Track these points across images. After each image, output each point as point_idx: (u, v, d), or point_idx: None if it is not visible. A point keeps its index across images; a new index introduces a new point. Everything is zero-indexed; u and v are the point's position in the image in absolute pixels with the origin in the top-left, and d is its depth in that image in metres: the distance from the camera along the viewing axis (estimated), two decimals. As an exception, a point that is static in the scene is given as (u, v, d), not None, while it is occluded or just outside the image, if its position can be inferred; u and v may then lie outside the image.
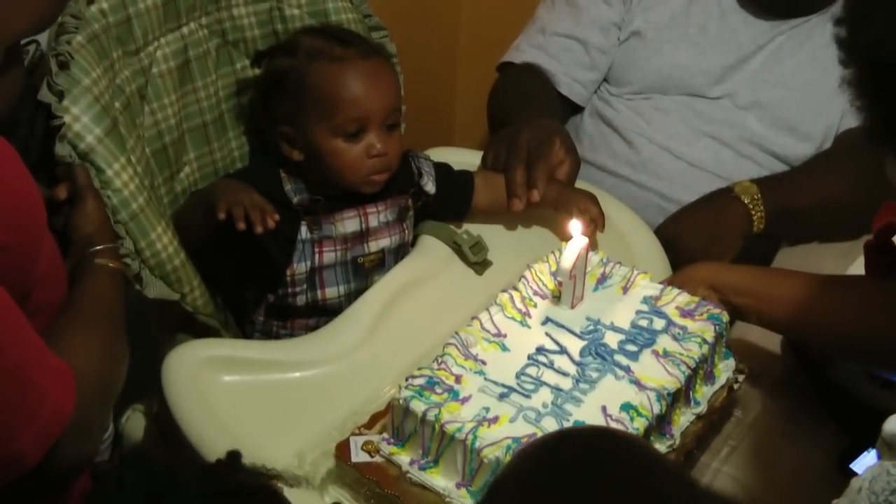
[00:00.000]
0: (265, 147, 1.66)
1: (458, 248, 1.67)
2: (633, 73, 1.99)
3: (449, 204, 1.71)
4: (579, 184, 1.75)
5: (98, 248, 1.31)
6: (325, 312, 1.60)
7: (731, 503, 0.98)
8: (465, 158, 1.79)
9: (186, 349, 1.46)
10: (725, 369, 1.45)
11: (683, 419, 1.37)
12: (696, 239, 1.79)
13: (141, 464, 1.56)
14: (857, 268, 1.59)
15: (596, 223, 1.64)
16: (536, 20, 2.09)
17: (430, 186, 1.66)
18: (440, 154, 1.77)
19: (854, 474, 1.37)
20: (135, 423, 1.61)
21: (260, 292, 1.61)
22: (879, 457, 0.91)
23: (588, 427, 1.20)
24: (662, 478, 0.84)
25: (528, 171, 1.66)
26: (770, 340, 1.58)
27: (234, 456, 1.13)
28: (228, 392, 1.38)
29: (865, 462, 1.40)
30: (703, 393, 1.41)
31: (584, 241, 1.41)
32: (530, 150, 1.69)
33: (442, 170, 1.70)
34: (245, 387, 1.43)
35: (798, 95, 1.92)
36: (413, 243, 1.69)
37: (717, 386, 1.43)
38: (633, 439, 0.93)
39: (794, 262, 1.76)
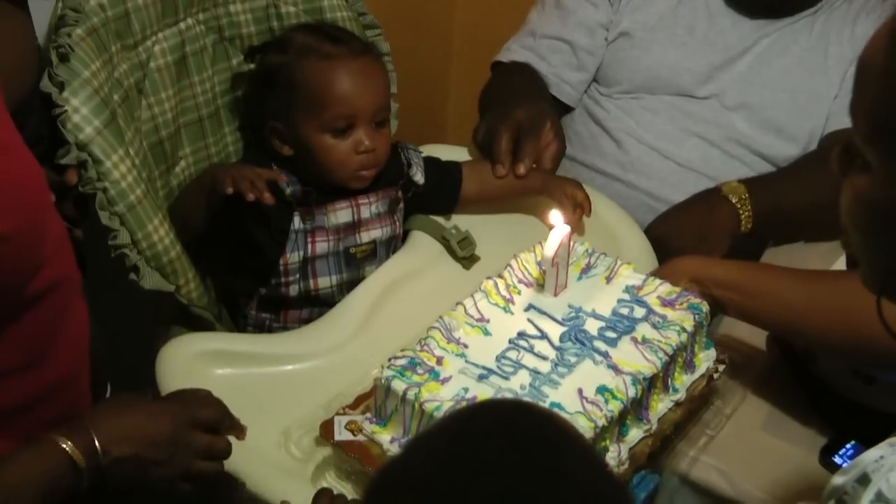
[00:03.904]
0: (260, 142, 1.71)
1: (446, 244, 1.73)
2: (622, 72, 2.05)
3: (438, 194, 1.77)
4: (566, 180, 1.82)
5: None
6: (317, 303, 1.65)
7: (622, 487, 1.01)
8: (457, 155, 1.85)
9: (180, 343, 1.51)
10: (706, 359, 1.48)
11: (661, 406, 1.40)
12: (685, 238, 1.83)
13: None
14: (840, 265, 1.64)
15: (582, 207, 1.71)
16: (527, 23, 2.16)
17: (418, 176, 1.72)
18: (433, 151, 1.82)
19: (837, 466, 1.42)
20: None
21: (252, 285, 1.66)
22: None
23: (511, 400, 1.24)
24: (570, 453, 0.86)
25: (518, 144, 1.72)
26: (755, 336, 1.62)
27: None
28: (221, 385, 1.39)
29: (848, 454, 1.44)
30: (683, 381, 1.44)
31: (567, 229, 1.46)
32: (521, 124, 1.75)
33: (431, 161, 1.75)
34: (238, 380, 1.48)
35: (785, 97, 1.97)
36: (403, 239, 1.74)
37: (696, 375, 1.46)
38: (552, 413, 0.97)
39: (780, 261, 1.78)
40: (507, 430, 0.85)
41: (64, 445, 1.13)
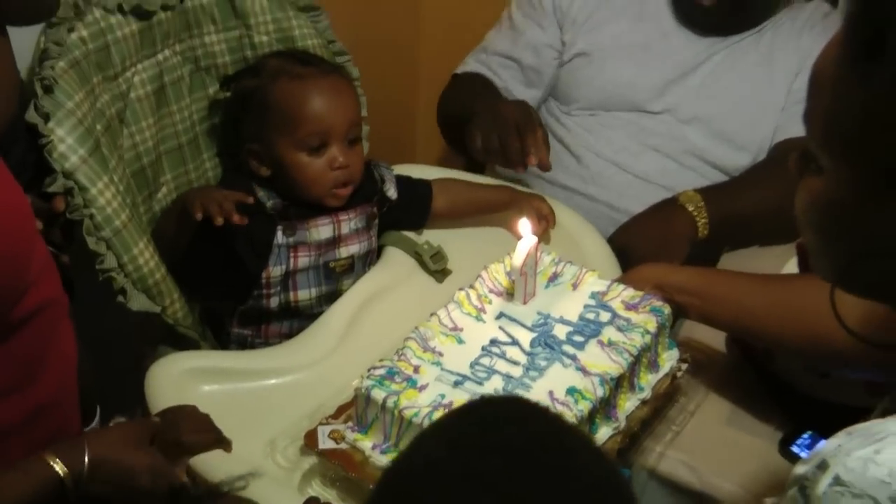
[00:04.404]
0: (238, 166, 1.72)
1: (419, 258, 1.74)
2: (579, 90, 2.07)
3: (410, 208, 1.78)
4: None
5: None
6: (296, 315, 1.66)
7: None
8: (427, 174, 1.87)
9: (167, 362, 1.52)
10: (669, 359, 1.50)
11: (629, 404, 1.41)
12: (646, 247, 1.86)
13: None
14: (792, 267, 1.65)
15: (547, 220, 1.74)
16: (484, 40, 2.20)
17: (392, 192, 1.73)
18: (404, 170, 1.84)
19: (795, 455, 1.42)
20: (118, 432, 1.67)
21: (233, 303, 1.67)
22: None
23: (507, 394, 1.29)
24: (572, 438, 0.89)
25: (522, 140, 1.73)
26: (716, 336, 1.63)
27: None
28: (208, 401, 1.40)
29: (805, 444, 1.46)
30: (648, 380, 1.46)
31: (534, 240, 1.47)
32: (518, 122, 1.76)
33: (402, 178, 1.77)
34: (224, 395, 1.49)
35: (735, 109, 2.00)
36: (379, 254, 1.76)
37: (661, 374, 1.48)
38: (545, 408, 1.00)
39: (737, 265, 1.82)
40: (510, 417, 0.86)
41: (56, 467, 1.13)
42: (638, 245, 1.87)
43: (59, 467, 1.14)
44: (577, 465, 0.83)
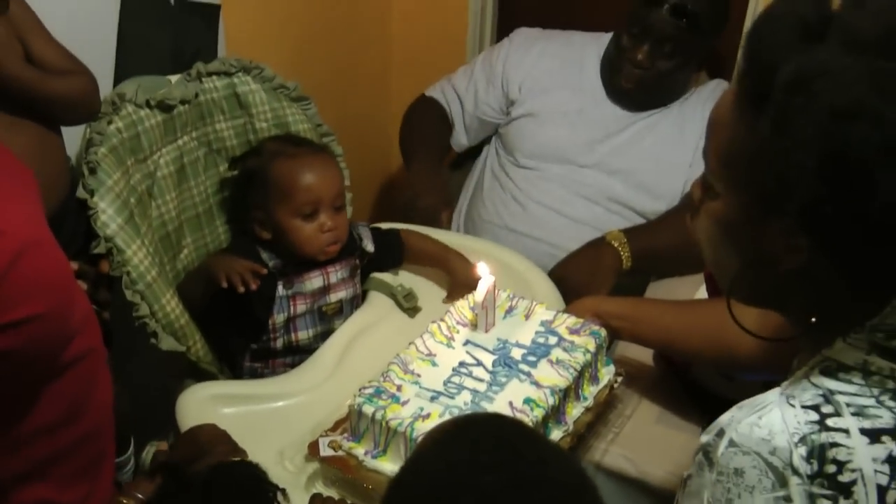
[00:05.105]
0: (243, 231, 1.75)
1: (395, 298, 1.77)
2: (523, 143, 2.13)
3: (386, 254, 1.82)
4: (488, 243, 1.92)
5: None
6: (298, 351, 1.69)
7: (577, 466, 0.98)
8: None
9: (194, 390, 1.55)
10: (607, 373, 1.53)
11: (575, 411, 1.44)
12: (579, 276, 1.90)
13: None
14: (703, 293, 1.69)
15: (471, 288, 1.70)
16: (454, 72, 2.28)
17: (369, 246, 1.77)
18: (383, 226, 1.87)
19: None
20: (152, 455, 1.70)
21: (245, 343, 1.70)
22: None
23: (485, 413, 1.30)
24: (543, 447, 0.92)
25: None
26: (644, 353, 1.67)
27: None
28: (228, 421, 1.43)
29: None
30: (590, 391, 1.48)
31: (492, 279, 1.50)
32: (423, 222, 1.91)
33: (375, 230, 1.81)
34: (241, 416, 1.51)
35: (652, 165, 2.05)
36: (363, 297, 1.79)
37: (601, 385, 1.50)
38: (519, 423, 0.99)
39: (660, 292, 1.86)
40: (494, 436, 0.90)
41: None
42: (572, 275, 1.91)
43: None
44: (551, 472, 0.86)
